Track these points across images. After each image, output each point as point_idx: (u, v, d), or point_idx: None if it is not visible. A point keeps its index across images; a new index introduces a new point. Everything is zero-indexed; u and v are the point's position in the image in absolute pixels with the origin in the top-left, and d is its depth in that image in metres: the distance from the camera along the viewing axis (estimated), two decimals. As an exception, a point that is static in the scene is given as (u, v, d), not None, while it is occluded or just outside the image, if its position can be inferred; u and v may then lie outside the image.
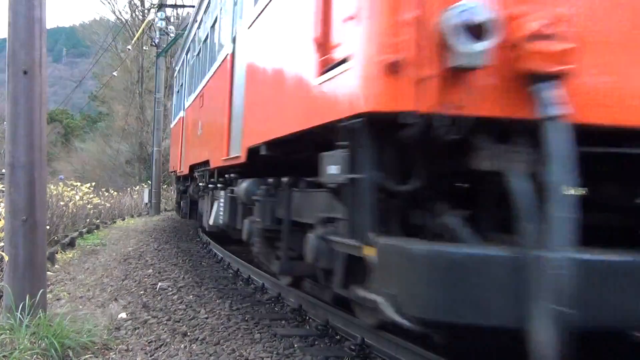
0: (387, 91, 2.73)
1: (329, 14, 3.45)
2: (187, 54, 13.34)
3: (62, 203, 12.84)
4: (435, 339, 3.49)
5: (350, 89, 3.02)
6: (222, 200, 7.27)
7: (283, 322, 5.57)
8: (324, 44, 3.45)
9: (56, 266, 9.10)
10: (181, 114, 13.46)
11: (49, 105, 6.40)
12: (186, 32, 14.02)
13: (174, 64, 18.88)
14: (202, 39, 10.85)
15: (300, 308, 6.00)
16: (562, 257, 2.47)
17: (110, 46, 30.43)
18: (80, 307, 6.07)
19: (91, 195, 15.81)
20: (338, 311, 5.38)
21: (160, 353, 4.52)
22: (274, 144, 4.91)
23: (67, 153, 45.99)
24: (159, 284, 7.38)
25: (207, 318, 5.56)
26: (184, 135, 12.64)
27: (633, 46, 2.82)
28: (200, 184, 9.41)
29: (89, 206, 15.25)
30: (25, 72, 4.74)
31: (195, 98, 11.06)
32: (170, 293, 6.83)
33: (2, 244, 5.15)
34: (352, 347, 4.63)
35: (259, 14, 5.69)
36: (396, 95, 2.70)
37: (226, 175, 7.14)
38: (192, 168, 11.13)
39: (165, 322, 5.44)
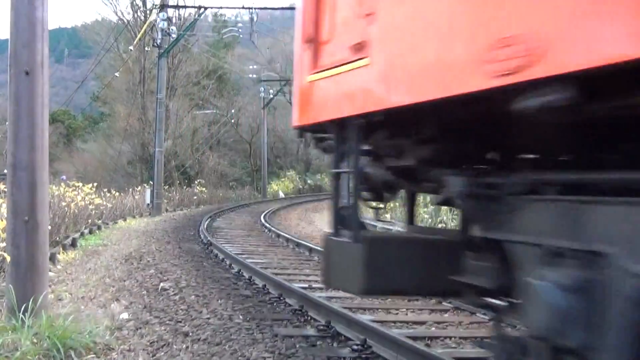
0: None
1: None
2: None
3: (63, 203, 12.85)
4: None
5: None
6: None
7: (285, 322, 5.57)
8: None
9: (58, 266, 9.11)
10: None
11: (50, 106, 6.41)
12: None
13: None
14: None
15: (301, 309, 6.00)
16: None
17: (112, 47, 30.44)
18: (82, 307, 6.07)
19: (93, 196, 15.81)
20: (340, 311, 5.39)
21: (162, 353, 4.52)
22: None
23: (69, 154, 45.99)
24: (161, 284, 7.38)
25: (209, 318, 5.55)
26: None
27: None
28: None
29: (90, 207, 15.25)
30: (27, 73, 4.74)
31: None
32: (172, 293, 6.83)
33: (3, 244, 5.15)
34: (354, 348, 4.63)
35: None
36: None
37: None
38: None
39: (167, 322, 5.44)
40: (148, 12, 29.41)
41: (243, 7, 34.22)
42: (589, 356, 2.18)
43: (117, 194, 21.94)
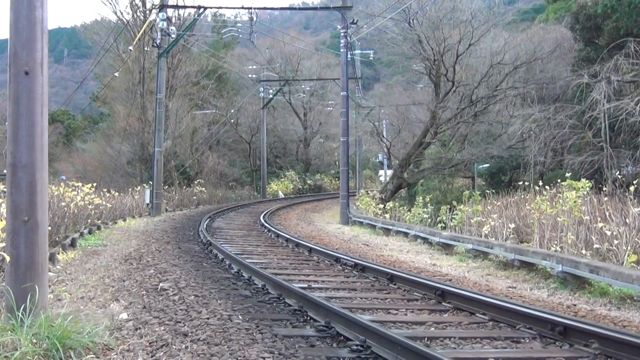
0: None
1: None
2: None
3: (63, 203, 12.84)
4: None
5: None
6: None
7: (284, 322, 5.57)
8: None
9: (57, 267, 9.11)
10: None
11: (50, 106, 6.43)
12: None
13: None
14: None
15: (301, 309, 6.00)
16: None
17: (111, 47, 30.41)
18: (82, 307, 6.08)
19: (92, 196, 15.80)
20: (339, 311, 5.39)
21: (162, 353, 4.51)
22: None
23: (68, 154, 46.01)
24: (160, 284, 7.37)
25: (208, 319, 5.55)
26: None
27: None
28: None
29: (90, 207, 15.25)
30: (26, 73, 4.74)
31: None
32: (172, 293, 6.82)
33: (3, 244, 5.15)
34: (354, 348, 4.63)
35: None
36: None
37: None
38: None
39: (166, 322, 5.44)
40: (147, 12, 29.40)
41: (243, 7, 34.19)
42: None
43: (117, 194, 21.93)
